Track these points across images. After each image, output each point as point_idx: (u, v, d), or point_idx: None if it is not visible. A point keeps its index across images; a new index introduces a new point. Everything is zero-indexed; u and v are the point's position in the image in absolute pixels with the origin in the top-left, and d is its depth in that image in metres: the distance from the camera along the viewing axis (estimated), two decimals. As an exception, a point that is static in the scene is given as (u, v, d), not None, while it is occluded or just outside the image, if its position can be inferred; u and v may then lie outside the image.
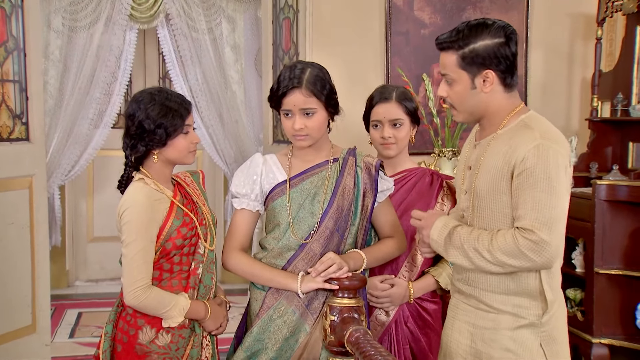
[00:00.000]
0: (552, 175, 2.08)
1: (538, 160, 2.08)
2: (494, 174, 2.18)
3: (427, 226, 2.27)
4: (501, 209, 2.18)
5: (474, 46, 2.14)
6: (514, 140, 2.14)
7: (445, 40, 2.19)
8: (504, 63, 2.15)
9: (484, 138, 2.27)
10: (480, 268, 2.17)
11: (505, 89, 2.19)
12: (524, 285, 2.20)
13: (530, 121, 2.19)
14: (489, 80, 2.16)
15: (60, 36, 5.46)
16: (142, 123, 2.43)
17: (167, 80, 6.96)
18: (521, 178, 2.10)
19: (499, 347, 2.22)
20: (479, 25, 2.17)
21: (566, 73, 5.02)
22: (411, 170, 2.92)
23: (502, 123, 2.21)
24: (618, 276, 4.03)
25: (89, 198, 6.92)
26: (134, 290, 2.38)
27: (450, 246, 2.20)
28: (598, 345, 4.03)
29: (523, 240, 2.07)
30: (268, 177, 2.57)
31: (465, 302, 2.32)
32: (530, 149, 2.09)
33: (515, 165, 2.11)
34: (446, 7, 4.72)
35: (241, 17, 6.00)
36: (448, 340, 2.38)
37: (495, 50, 2.14)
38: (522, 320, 2.20)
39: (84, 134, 5.55)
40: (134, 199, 2.43)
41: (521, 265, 2.12)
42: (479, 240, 2.14)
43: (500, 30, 2.16)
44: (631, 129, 4.52)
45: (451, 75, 2.20)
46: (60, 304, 6.06)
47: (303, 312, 2.48)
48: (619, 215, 4.03)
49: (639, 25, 4.52)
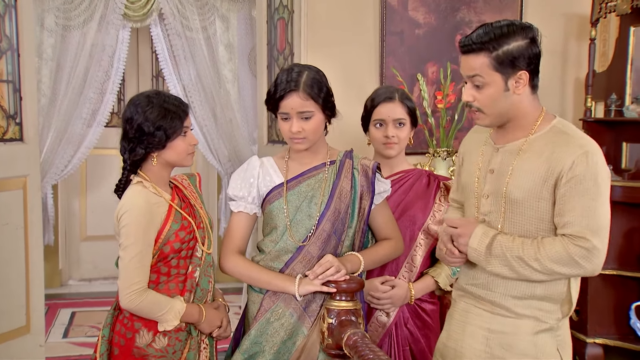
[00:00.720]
0: (600, 182, 2.08)
1: (587, 167, 2.07)
2: (533, 179, 2.15)
3: (466, 234, 2.21)
4: (538, 215, 2.16)
5: (508, 47, 2.11)
6: (556, 146, 2.12)
7: (475, 41, 2.14)
8: (534, 63, 2.16)
9: (510, 142, 2.23)
10: (523, 277, 2.14)
11: (532, 90, 2.20)
12: (552, 290, 2.19)
13: (566, 128, 2.18)
14: (523, 81, 2.15)
15: (53, 35, 5.43)
16: (141, 126, 2.42)
17: (160, 79, 6.95)
18: (570, 185, 2.08)
19: (518, 352, 2.20)
20: (508, 25, 2.14)
21: (560, 73, 5.03)
22: (408, 172, 2.92)
23: (532, 127, 2.19)
24: (612, 276, 4.05)
25: (82, 197, 6.90)
26: (129, 294, 2.38)
27: (490, 256, 2.16)
28: (592, 345, 4.05)
29: (575, 247, 2.06)
30: (265, 179, 2.57)
31: (479, 306, 2.29)
32: (578, 155, 2.08)
33: (563, 172, 2.09)
34: (440, 7, 4.72)
35: (235, 16, 5.99)
36: (458, 345, 2.34)
37: (526, 50, 2.13)
38: (543, 325, 2.20)
39: (78, 134, 5.52)
40: (132, 202, 2.43)
41: (570, 273, 2.11)
42: (523, 249, 2.12)
43: (528, 30, 2.15)
44: (625, 129, 4.53)
45: (482, 78, 2.14)
46: (54, 303, 6.05)
47: (301, 314, 2.48)
48: (614, 215, 3.91)
49: (632, 26, 4.54)
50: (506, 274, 2.16)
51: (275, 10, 4.74)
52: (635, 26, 4.53)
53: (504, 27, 2.14)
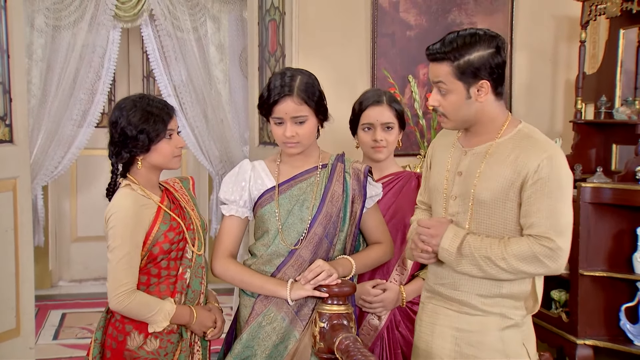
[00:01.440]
0: (563, 185, 2.16)
1: (552, 170, 2.14)
2: (501, 182, 2.21)
3: (438, 235, 2.27)
4: (505, 215, 2.22)
5: (470, 57, 2.17)
6: (522, 150, 2.19)
7: (438, 51, 2.21)
8: (497, 72, 2.20)
9: (478, 145, 2.29)
10: (490, 276, 2.21)
11: (496, 97, 2.24)
12: (517, 289, 2.25)
13: (531, 132, 2.25)
14: (484, 89, 2.20)
15: (43, 35, 5.40)
16: (125, 130, 2.44)
17: (151, 80, 6.93)
18: (535, 187, 2.15)
19: (488, 348, 2.26)
20: (471, 35, 2.19)
21: (550, 75, 5.05)
22: (397, 174, 2.93)
23: (498, 131, 2.25)
24: (602, 278, 4.06)
25: (72, 198, 6.87)
26: (117, 295, 2.39)
27: (461, 256, 2.22)
28: (582, 347, 4.06)
29: (540, 247, 2.13)
30: (257, 183, 2.57)
31: (447, 307, 2.34)
32: (543, 159, 2.15)
33: (528, 175, 2.16)
34: (431, 9, 4.73)
35: (226, 17, 5.98)
36: (428, 346, 2.39)
37: (489, 60, 2.18)
38: (509, 321, 2.26)
39: (68, 135, 5.50)
40: (120, 204, 2.44)
41: (535, 271, 2.18)
42: (491, 249, 2.18)
43: (492, 40, 2.20)
44: (615, 131, 4.55)
45: (446, 86, 2.22)
46: (44, 304, 6.02)
47: (292, 318, 2.48)
48: (603, 217, 4.06)
49: (622, 29, 4.56)
50: (475, 273, 2.23)
51: (266, 11, 4.74)
52: (624, 28, 4.55)
53: (467, 36, 2.19)
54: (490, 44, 2.18)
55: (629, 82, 4.59)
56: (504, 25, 4.87)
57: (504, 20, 4.87)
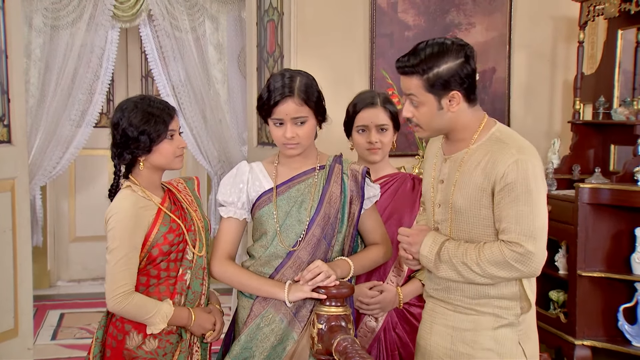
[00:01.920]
0: (532, 188, 2.16)
1: (518, 175, 2.15)
2: (473, 189, 2.23)
3: (417, 243, 2.32)
4: (482, 222, 2.25)
5: (438, 70, 2.18)
6: (491, 155, 2.21)
7: (407, 65, 2.22)
8: (467, 82, 2.21)
9: (455, 153, 2.31)
10: (469, 281, 2.24)
11: (469, 105, 2.25)
12: (504, 290, 2.27)
13: (503, 135, 2.26)
14: (455, 100, 2.21)
15: (42, 35, 5.41)
16: (126, 131, 2.44)
17: (149, 80, 6.93)
18: (503, 193, 2.17)
19: (480, 347, 2.27)
20: (439, 46, 2.20)
21: (549, 75, 5.06)
22: (392, 176, 2.93)
23: (472, 137, 2.28)
24: (600, 278, 4.07)
25: (71, 197, 6.87)
26: (115, 297, 2.40)
27: (440, 262, 2.26)
28: (581, 347, 4.06)
29: (510, 252, 2.15)
30: (254, 185, 2.57)
31: (443, 305, 2.36)
32: (509, 164, 2.16)
33: (496, 181, 2.18)
34: (430, 10, 4.73)
35: (224, 17, 5.98)
36: (426, 344, 2.41)
37: (458, 71, 2.18)
38: (502, 320, 2.27)
39: (66, 135, 5.51)
40: (119, 205, 2.44)
41: (509, 276, 2.20)
42: (466, 254, 2.21)
43: (461, 49, 2.20)
44: (613, 131, 4.55)
45: (417, 98, 2.23)
46: (42, 304, 6.01)
47: (291, 320, 2.48)
48: (602, 218, 4.07)
49: (620, 29, 4.56)
50: (455, 278, 2.26)
51: (265, 12, 4.74)
52: (623, 29, 4.55)
53: (435, 48, 2.20)
54: (458, 54, 2.19)
55: (627, 83, 4.59)
56: (502, 25, 4.87)
57: (503, 21, 4.87)
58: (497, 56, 4.91)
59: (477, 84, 2.26)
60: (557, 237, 4.25)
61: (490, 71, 4.89)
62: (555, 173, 4.52)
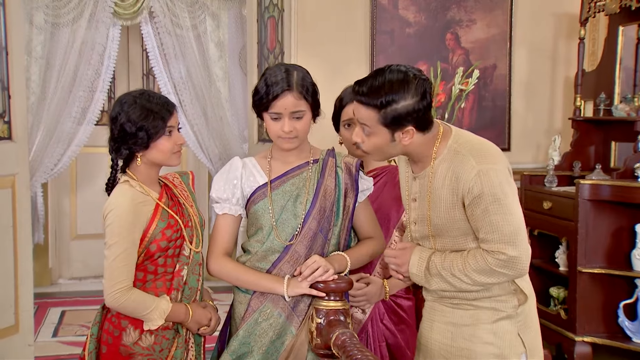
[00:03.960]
0: (499, 195, 2.16)
1: (483, 186, 2.16)
2: (445, 205, 2.25)
3: (405, 262, 2.35)
4: (462, 232, 2.26)
5: (396, 107, 2.16)
6: (453, 170, 2.21)
7: (365, 97, 2.19)
8: (423, 117, 2.20)
9: (422, 170, 2.31)
10: (462, 290, 2.26)
11: (423, 133, 2.24)
12: (497, 289, 2.28)
13: (459, 146, 2.24)
14: (409, 134, 2.21)
15: (43, 32, 5.41)
16: (124, 126, 2.43)
17: (150, 77, 6.93)
18: (473, 207, 2.19)
19: (480, 341, 2.28)
20: (400, 82, 2.17)
21: (549, 72, 5.05)
22: (381, 169, 2.93)
23: (432, 154, 2.27)
24: (601, 275, 4.07)
25: (72, 195, 6.87)
26: (113, 292, 2.39)
27: (430, 276, 2.28)
28: (581, 343, 4.07)
29: (493, 260, 2.17)
30: (248, 180, 2.56)
31: (442, 303, 2.37)
32: (472, 177, 2.17)
33: (464, 196, 2.20)
34: (431, 7, 4.73)
35: (225, 14, 5.98)
36: (427, 341, 2.42)
37: (416, 108, 2.17)
38: (500, 313, 2.29)
39: (67, 132, 5.51)
40: (117, 201, 2.43)
41: (498, 281, 2.22)
42: (453, 266, 2.24)
43: (421, 86, 2.18)
44: (614, 128, 4.55)
45: (370, 129, 2.22)
46: (43, 302, 6.01)
47: (289, 314, 2.48)
48: (602, 214, 4.07)
49: (621, 26, 4.56)
50: (448, 289, 2.28)
51: (265, 9, 4.74)
52: (624, 25, 4.55)
53: (395, 84, 2.17)
54: (417, 90, 2.17)
55: (628, 79, 4.59)
56: (503, 22, 4.87)
57: (504, 17, 4.87)
58: (498, 53, 4.91)
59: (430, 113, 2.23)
60: (558, 233, 4.25)
61: (491, 68, 4.89)
62: (555, 170, 4.52)
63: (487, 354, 2.28)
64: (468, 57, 4.78)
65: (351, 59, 4.60)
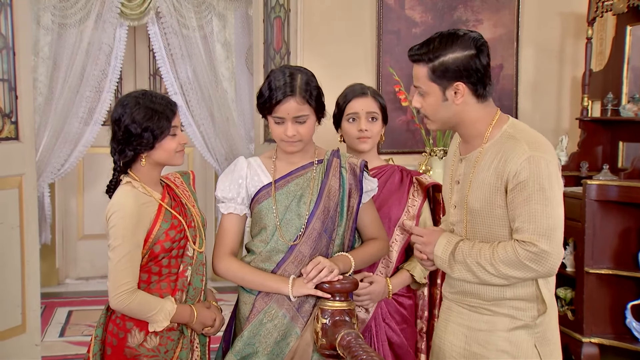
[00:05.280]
0: (545, 186, 2.10)
1: (530, 173, 2.10)
2: (487, 189, 2.19)
3: (431, 243, 2.29)
4: (497, 221, 2.20)
5: (444, 59, 2.15)
6: (503, 154, 2.16)
7: (416, 52, 2.20)
8: (475, 75, 2.17)
9: (470, 152, 2.28)
10: (484, 281, 2.20)
11: (478, 100, 2.21)
12: (521, 292, 2.22)
13: (515, 132, 2.20)
14: (460, 92, 2.17)
15: (50, 33, 5.42)
16: (129, 127, 2.42)
17: (157, 78, 6.94)
18: (515, 192, 2.12)
19: (495, 348, 2.24)
20: (449, 36, 2.17)
21: (557, 72, 5.04)
22: (381, 168, 2.93)
23: (485, 135, 2.23)
24: (608, 276, 4.05)
25: (79, 196, 6.89)
26: (118, 295, 2.38)
27: (454, 262, 2.22)
28: (588, 345, 4.05)
29: (523, 252, 2.10)
30: (253, 180, 2.56)
31: (459, 304, 2.34)
32: (521, 162, 2.11)
33: (509, 180, 2.13)
34: (437, 6, 4.72)
35: (232, 14, 5.98)
36: (441, 342, 2.39)
37: (465, 62, 2.15)
38: (517, 322, 2.23)
39: (74, 132, 5.52)
40: (120, 202, 2.42)
41: (524, 276, 2.15)
42: (480, 254, 2.17)
43: (471, 42, 2.16)
44: (621, 128, 4.53)
45: (423, 88, 2.21)
46: (50, 302, 6.03)
47: (294, 315, 2.48)
48: (609, 215, 4.05)
49: (629, 25, 4.54)
50: (469, 279, 2.22)
51: (271, 9, 4.75)
52: (631, 25, 4.53)
53: (444, 38, 2.17)
54: (468, 45, 2.15)
55: (636, 79, 4.57)
56: (510, 22, 4.86)
57: (510, 17, 4.86)
58: (505, 53, 4.89)
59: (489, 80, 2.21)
60: (565, 234, 4.17)
61: (498, 68, 4.88)
62: (563, 170, 4.50)
63: None
64: (475, 57, 4.77)
65: (357, 59, 4.59)
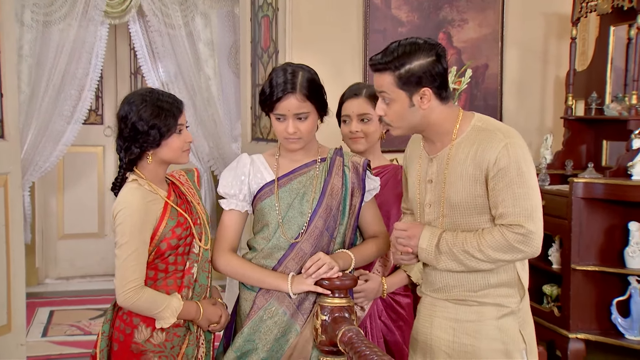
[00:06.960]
0: (523, 169, 2.21)
1: (510, 159, 2.20)
2: (466, 181, 2.27)
3: (415, 236, 2.33)
4: (477, 210, 2.28)
5: (410, 66, 2.23)
6: (479, 144, 2.25)
7: (380, 62, 2.26)
8: (438, 80, 2.25)
9: (440, 150, 2.34)
10: (471, 268, 2.26)
11: (442, 102, 2.29)
12: (504, 277, 2.30)
13: (485, 124, 2.30)
14: (426, 97, 2.25)
15: (31, 31, 5.35)
16: (135, 125, 2.42)
17: (138, 76, 6.90)
18: (497, 179, 2.22)
19: (485, 337, 2.30)
20: (411, 45, 2.25)
21: (541, 72, 5.08)
22: (383, 167, 2.96)
23: (453, 133, 2.31)
24: (594, 272, 4.10)
25: (59, 195, 6.82)
26: (125, 292, 2.38)
27: (439, 253, 2.28)
28: (574, 340, 4.09)
29: (512, 234, 2.19)
30: (256, 177, 2.57)
31: (444, 298, 2.37)
32: (500, 149, 2.21)
33: (489, 168, 2.23)
34: (423, 6, 4.74)
35: (215, 13, 5.96)
36: (427, 338, 2.42)
37: (429, 68, 2.23)
38: (504, 309, 2.30)
39: (59, 131, 5.48)
40: (127, 200, 2.42)
41: (513, 258, 2.24)
42: (467, 242, 2.24)
43: (432, 48, 2.25)
44: (605, 127, 4.59)
45: (389, 95, 2.27)
46: (31, 301, 5.94)
47: (294, 312, 2.49)
48: (595, 212, 4.10)
49: (612, 26, 4.60)
50: (456, 268, 2.28)
51: (259, 8, 4.74)
52: (615, 25, 4.59)
53: (407, 46, 2.25)
54: (430, 52, 2.24)
55: (619, 79, 4.63)
56: (494, 21, 4.89)
57: (495, 17, 4.89)
58: (490, 52, 4.92)
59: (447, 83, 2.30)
60: (551, 231, 4.27)
61: (482, 67, 4.91)
62: (548, 168, 4.55)
63: (492, 350, 2.29)
64: (460, 57, 4.79)
65: (345, 58, 4.60)
